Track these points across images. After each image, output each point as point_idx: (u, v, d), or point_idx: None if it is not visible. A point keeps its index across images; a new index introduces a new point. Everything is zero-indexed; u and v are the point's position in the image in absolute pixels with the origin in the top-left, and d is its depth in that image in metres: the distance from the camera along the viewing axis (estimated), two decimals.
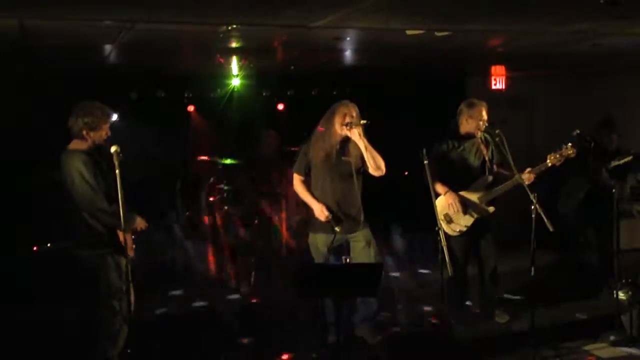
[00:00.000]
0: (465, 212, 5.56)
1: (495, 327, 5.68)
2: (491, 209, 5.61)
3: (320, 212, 4.97)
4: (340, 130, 4.93)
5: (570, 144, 5.46)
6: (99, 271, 4.50)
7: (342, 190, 4.98)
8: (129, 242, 4.56)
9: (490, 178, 5.63)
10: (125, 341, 4.54)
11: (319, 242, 5.10)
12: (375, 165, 4.92)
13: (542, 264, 4.92)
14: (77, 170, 4.41)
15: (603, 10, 4.67)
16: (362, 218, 5.09)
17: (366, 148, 4.87)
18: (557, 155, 5.43)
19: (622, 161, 6.42)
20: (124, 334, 4.56)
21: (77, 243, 4.58)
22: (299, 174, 5.19)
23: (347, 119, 4.90)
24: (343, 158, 4.98)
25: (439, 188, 5.48)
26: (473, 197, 5.60)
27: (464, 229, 5.59)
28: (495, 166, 5.70)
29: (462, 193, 5.60)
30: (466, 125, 5.64)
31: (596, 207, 6.47)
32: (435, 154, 5.58)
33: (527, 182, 5.27)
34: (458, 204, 5.51)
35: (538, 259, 4.73)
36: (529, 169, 5.41)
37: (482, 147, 5.65)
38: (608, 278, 6.44)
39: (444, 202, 5.51)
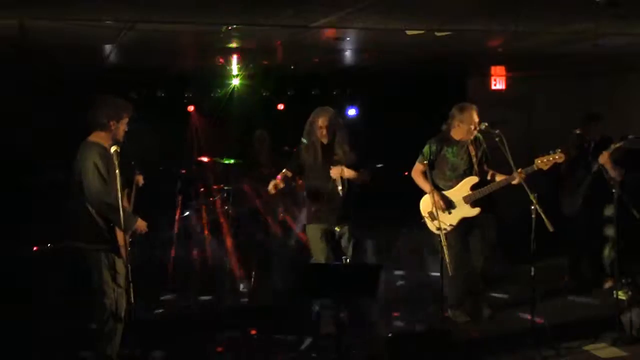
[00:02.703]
0: (449, 211, 5.60)
1: (495, 327, 5.67)
2: (476, 210, 5.61)
3: (272, 186, 5.49)
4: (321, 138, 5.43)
5: (559, 150, 5.41)
6: (92, 267, 4.55)
7: (329, 189, 5.41)
8: (124, 243, 4.54)
9: (476, 179, 5.64)
10: (126, 342, 4.55)
11: (314, 231, 5.50)
12: (356, 182, 5.50)
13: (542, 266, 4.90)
14: (93, 162, 4.47)
15: (603, 10, 4.67)
16: (347, 215, 5.49)
17: (349, 175, 5.41)
18: (545, 160, 5.40)
19: (618, 145, 6.32)
20: (119, 333, 4.57)
21: (75, 236, 4.61)
22: (288, 169, 5.66)
23: (324, 133, 5.40)
24: (331, 161, 5.41)
25: (425, 186, 5.57)
26: (457, 197, 5.64)
27: (448, 227, 5.61)
28: (485, 166, 5.72)
29: (446, 193, 5.65)
30: (457, 130, 5.66)
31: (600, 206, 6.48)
32: (424, 154, 5.65)
33: (516, 182, 5.32)
34: (441, 203, 5.53)
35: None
36: (519, 169, 5.40)
37: (472, 147, 5.68)
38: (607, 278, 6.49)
39: (428, 200, 5.56)
